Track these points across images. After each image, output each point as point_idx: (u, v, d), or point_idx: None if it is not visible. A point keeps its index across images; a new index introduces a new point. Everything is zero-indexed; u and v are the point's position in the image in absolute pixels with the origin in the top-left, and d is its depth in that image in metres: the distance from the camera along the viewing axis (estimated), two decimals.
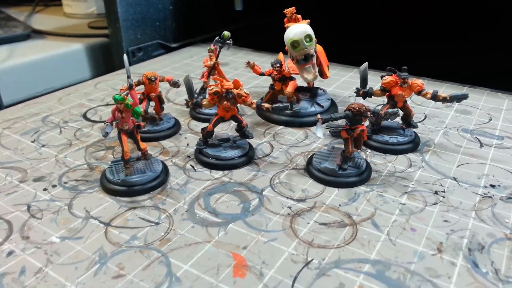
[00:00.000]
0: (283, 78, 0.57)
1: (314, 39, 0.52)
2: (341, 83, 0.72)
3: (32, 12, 1.16)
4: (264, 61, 0.84)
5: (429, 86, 0.69)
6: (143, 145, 0.45)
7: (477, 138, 0.53)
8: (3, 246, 0.36)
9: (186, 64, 0.83)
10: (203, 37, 0.96)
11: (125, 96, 0.42)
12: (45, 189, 0.44)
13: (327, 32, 0.75)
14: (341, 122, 0.46)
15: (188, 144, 0.53)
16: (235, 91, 0.47)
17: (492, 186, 0.44)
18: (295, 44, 0.50)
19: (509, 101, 0.63)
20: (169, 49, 0.91)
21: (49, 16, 1.13)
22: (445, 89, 0.68)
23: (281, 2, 0.99)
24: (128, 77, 0.43)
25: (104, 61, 0.88)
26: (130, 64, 0.84)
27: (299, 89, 0.60)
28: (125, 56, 0.44)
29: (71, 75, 0.84)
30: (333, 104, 0.61)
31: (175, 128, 0.56)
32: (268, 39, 0.82)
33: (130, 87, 0.42)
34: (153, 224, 0.39)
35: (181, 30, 0.93)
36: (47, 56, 0.81)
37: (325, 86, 0.67)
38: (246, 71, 0.77)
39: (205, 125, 0.56)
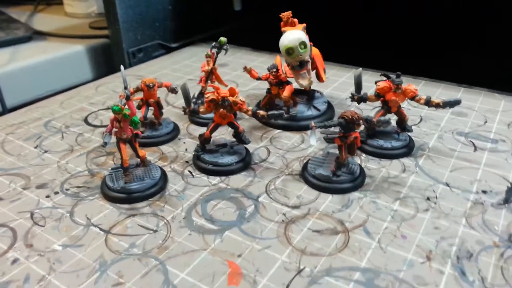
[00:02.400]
0: (280, 83, 0.58)
1: (309, 45, 0.53)
2: (338, 85, 0.72)
3: (34, 11, 1.17)
4: (262, 61, 0.84)
5: (426, 87, 0.70)
6: (141, 152, 0.46)
7: (472, 142, 0.54)
8: (7, 254, 0.38)
9: (185, 65, 0.84)
10: (203, 36, 0.97)
11: (123, 106, 0.43)
12: (47, 196, 0.45)
13: (324, 31, 0.75)
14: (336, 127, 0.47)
15: (186, 149, 0.54)
16: (231, 98, 0.48)
17: (484, 192, 0.44)
18: (289, 51, 0.50)
19: (506, 102, 0.64)
20: (169, 49, 0.92)
21: (51, 16, 1.14)
22: (442, 90, 0.69)
23: (280, 0, 0.98)
24: (126, 87, 0.44)
25: (105, 62, 0.89)
26: (131, 65, 0.85)
27: (296, 92, 0.61)
28: (122, 68, 0.45)
29: (73, 77, 0.85)
30: (330, 107, 0.62)
31: (174, 132, 0.57)
32: (267, 38, 0.83)
33: (127, 98, 0.43)
34: (151, 231, 0.40)
35: (180, 30, 0.93)
36: (49, 58, 0.82)
37: (322, 88, 0.68)
38: (245, 73, 0.78)
39: (203, 129, 0.57)
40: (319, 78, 0.60)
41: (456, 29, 0.86)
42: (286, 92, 0.57)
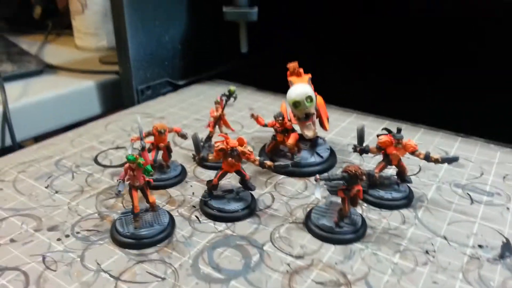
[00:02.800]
0: (285, 130, 0.60)
1: (315, 98, 0.55)
2: (340, 130, 0.75)
3: (44, 42, 1.21)
4: (267, 102, 0.87)
5: (424, 135, 0.72)
6: (152, 198, 0.48)
7: (468, 194, 0.56)
8: None
9: (192, 103, 0.86)
10: (209, 74, 1.00)
11: (137, 156, 0.45)
12: (59, 239, 0.47)
13: (328, 74, 0.78)
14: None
15: (193, 193, 0.56)
16: (239, 148, 0.50)
17: (480, 246, 0.46)
18: (296, 104, 0.53)
19: (501, 153, 0.66)
20: (176, 86, 0.95)
21: (61, 48, 1.17)
22: (440, 139, 0.71)
23: (286, 42, 1.02)
24: (141, 139, 0.46)
25: (114, 97, 0.91)
26: (139, 102, 0.88)
27: (300, 139, 0.63)
28: (138, 119, 0.47)
29: (82, 111, 0.87)
30: (332, 154, 0.64)
31: (182, 175, 0.59)
32: (272, 78, 0.86)
33: (143, 149, 0.45)
34: (159, 279, 0.42)
35: (188, 68, 0.97)
36: (60, 93, 0.84)
37: (325, 133, 0.70)
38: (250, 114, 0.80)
39: (210, 172, 0.59)
40: (322, 126, 0.63)
41: (455, 75, 0.90)
42: (291, 140, 0.59)
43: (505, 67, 0.84)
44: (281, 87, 0.62)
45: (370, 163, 0.63)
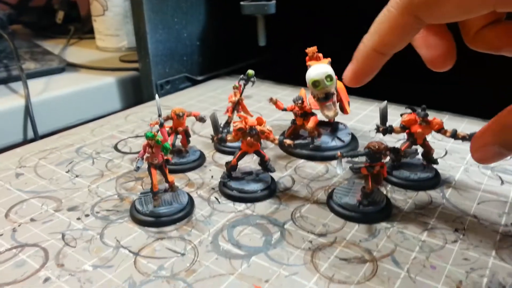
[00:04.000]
0: (305, 114, 0.59)
1: (335, 77, 0.54)
2: (362, 117, 0.73)
3: (67, 45, 1.23)
4: (286, 94, 0.86)
5: (450, 121, 0.70)
6: (170, 178, 0.48)
7: (498, 175, 0.53)
8: (40, 273, 0.39)
9: (210, 96, 0.86)
10: (227, 70, 1.00)
11: (156, 133, 0.45)
12: (78, 218, 0.47)
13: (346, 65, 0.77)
14: (362, 158, 0.47)
15: (212, 176, 0.55)
16: (258, 127, 0.49)
17: None
18: (316, 83, 0.52)
19: None
20: (195, 81, 0.95)
21: (83, 49, 1.19)
22: (466, 125, 0.69)
23: (304, 35, 1.02)
24: (159, 115, 0.46)
25: (134, 93, 0.92)
26: (159, 96, 0.88)
27: (320, 124, 0.62)
28: (156, 97, 0.47)
29: (103, 107, 0.88)
30: (353, 138, 0.62)
31: (200, 160, 0.58)
32: (289, 72, 0.85)
33: (161, 125, 0.45)
34: (179, 255, 0.41)
35: (206, 64, 0.97)
36: (80, 89, 0.86)
37: (346, 120, 0.69)
38: (269, 104, 0.80)
39: (228, 157, 0.58)
40: (343, 110, 0.62)
41: (480, 61, 0.87)
42: (311, 123, 0.58)
43: None
44: (300, 81, 0.61)
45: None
